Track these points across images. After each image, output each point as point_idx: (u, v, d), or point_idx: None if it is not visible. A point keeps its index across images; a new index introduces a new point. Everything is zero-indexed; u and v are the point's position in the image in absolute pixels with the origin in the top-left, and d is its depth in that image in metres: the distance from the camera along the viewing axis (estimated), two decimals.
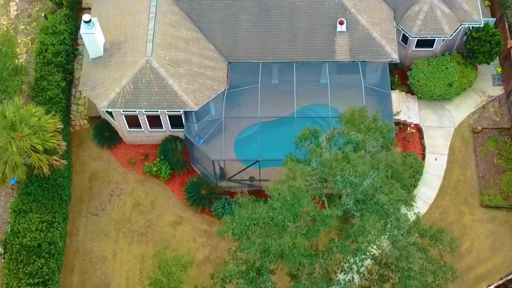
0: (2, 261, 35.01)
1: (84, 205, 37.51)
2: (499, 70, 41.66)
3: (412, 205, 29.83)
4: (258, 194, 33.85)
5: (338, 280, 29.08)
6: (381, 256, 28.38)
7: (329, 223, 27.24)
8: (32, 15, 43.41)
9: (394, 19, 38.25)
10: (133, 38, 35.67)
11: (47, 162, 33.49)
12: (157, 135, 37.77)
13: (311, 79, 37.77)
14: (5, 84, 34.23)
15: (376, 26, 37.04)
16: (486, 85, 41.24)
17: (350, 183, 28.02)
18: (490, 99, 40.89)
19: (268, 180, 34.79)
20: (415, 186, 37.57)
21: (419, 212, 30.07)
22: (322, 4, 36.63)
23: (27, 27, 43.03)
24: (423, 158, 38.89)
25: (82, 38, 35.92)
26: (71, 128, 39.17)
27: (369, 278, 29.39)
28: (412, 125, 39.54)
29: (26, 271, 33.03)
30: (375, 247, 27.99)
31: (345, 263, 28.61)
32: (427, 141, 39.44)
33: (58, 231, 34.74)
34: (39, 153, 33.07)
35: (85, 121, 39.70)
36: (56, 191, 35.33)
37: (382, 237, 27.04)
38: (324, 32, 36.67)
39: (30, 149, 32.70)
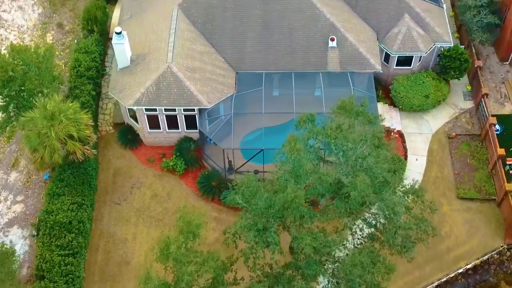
0: (35, 241, 37.79)
1: (109, 196, 40.64)
2: (469, 87, 46.03)
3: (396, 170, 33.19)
4: None
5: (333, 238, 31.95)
6: (370, 217, 31.54)
7: (325, 181, 30.55)
8: (65, 44, 47.99)
9: (377, 39, 42.93)
10: (156, 50, 40.04)
11: (80, 149, 36.96)
12: (173, 136, 41.43)
13: (308, 89, 41.78)
14: (46, 86, 38.10)
15: (362, 43, 41.63)
16: (458, 100, 45.50)
17: (343, 151, 31.59)
18: (462, 111, 45.04)
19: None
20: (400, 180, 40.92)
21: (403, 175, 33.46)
22: (316, 24, 41.35)
23: (61, 53, 47.51)
24: (406, 158, 42.51)
25: (109, 61, 40.23)
26: (98, 133, 42.73)
27: (361, 236, 32.35)
28: (395, 131, 43.43)
29: (58, 244, 35.81)
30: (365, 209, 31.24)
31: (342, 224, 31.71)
32: (408, 144, 43.19)
33: (86, 213, 37.73)
34: (74, 140, 36.61)
35: (110, 127, 43.45)
36: (85, 179, 38.60)
37: (371, 191, 30.14)
38: (318, 47, 41.21)
39: (66, 136, 36.25)
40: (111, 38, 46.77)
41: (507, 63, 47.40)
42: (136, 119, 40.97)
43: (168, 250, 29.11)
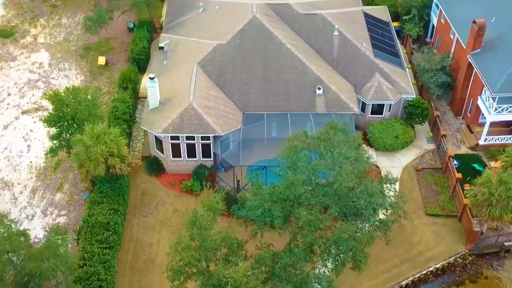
0: (76, 244, 42.69)
1: (137, 210, 46.00)
2: (431, 134, 53.21)
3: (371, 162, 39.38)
4: None
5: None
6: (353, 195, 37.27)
7: (318, 170, 36.65)
8: (103, 101, 55.14)
9: (355, 91, 50.65)
10: (180, 94, 47.32)
11: (118, 164, 43.03)
12: (191, 164, 47.61)
13: (300, 126, 48.54)
14: (93, 118, 44.81)
15: (343, 92, 49.28)
16: (423, 143, 52.45)
17: (331, 152, 37.99)
18: (426, 151, 51.85)
19: None
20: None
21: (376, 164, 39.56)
22: (305, 78, 49.15)
23: (103, 100, 54.59)
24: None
25: (138, 113, 47.37)
26: (129, 165, 48.80)
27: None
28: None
29: (97, 239, 40.81)
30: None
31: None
32: (383, 174, 49.49)
33: (120, 218, 43.02)
34: (116, 157, 42.81)
35: (139, 160, 49.66)
36: (120, 192, 44.28)
37: (354, 177, 36.14)
38: (308, 94, 48.73)
39: (108, 154, 42.46)
40: (140, 97, 54.65)
41: (460, 117, 55.00)
42: (162, 151, 47.39)
43: (196, 218, 34.49)
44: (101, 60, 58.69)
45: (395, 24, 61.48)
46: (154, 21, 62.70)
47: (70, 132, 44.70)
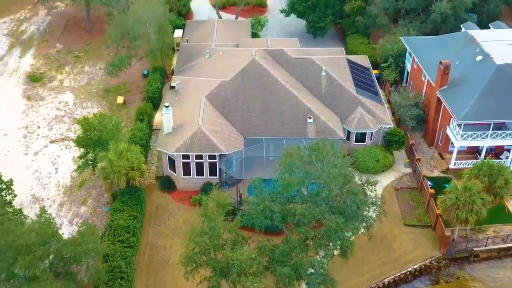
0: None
1: (152, 220, 50.44)
2: (407, 160, 58.64)
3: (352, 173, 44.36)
4: None
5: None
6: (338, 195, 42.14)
7: (310, 173, 41.73)
8: (121, 132, 60.35)
9: (341, 121, 56.43)
10: (190, 122, 52.85)
11: (138, 177, 47.99)
12: (199, 182, 52.50)
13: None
14: (115, 139, 50.05)
15: (330, 122, 55.02)
16: (401, 167, 57.74)
17: (321, 161, 43.21)
18: (404, 174, 57.08)
19: None
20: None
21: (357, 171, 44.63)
22: (298, 109, 54.94)
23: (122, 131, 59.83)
24: None
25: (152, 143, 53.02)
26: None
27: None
28: None
29: (119, 239, 45.16)
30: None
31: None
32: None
33: (138, 224, 47.51)
34: (136, 170, 47.84)
35: (153, 180, 54.50)
36: (138, 202, 48.96)
37: (340, 180, 41.19)
38: (300, 122, 54.38)
39: (129, 168, 47.51)
40: (154, 129, 60.12)
41: (433, 147, 60.63)
42: (174, 170, 52.44)
43: (206, 210, 39.24)
44: (120, 99, 64.55)
45: (375, 71, 68.02)
46: (166, 68, 69.14)
47: (95, 152, 49.88)
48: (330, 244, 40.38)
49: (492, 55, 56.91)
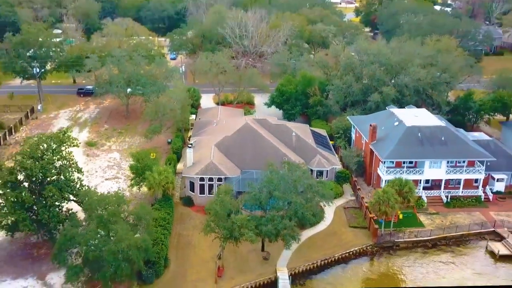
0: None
1: (178, 221, 67.92)
2: (352, 192, 77.88)
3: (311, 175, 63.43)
4: None
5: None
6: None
7: (286, 180, 60.89)
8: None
9: (305, 163, 76.30)
10: (205, 158, 72.42)
11: (169, 190, 66.73)
12: (210, 198, 70.88)
13: None
14: (156, 167, 69.23)
15: (298, 161, 75.01)
16: (348, 196, 76.61)
17: (291, 171, 62.67)
18: (350, 199, 75.90)
19: None
20: (320, 220, 69.65)
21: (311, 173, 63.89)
22: (276, 153, 74.92)
23: None
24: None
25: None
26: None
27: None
28: None
29: (159, 224, 62.63)
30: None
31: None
32: (325, 208, 72.89)
33: (170, 218, 65.23)
34: (169, 183, 66.65)
35: (178, 200, 72.79)
36: (170, 205, 67.09)
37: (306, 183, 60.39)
38: (278, 161, 73.66)
39: (165, 182, 66.32)
40: (177, 173, 79.23)
41: (370, 185, 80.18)
42: (193, 191, 71.12)
43: (220, 191, 57.95)
44: (152, 155, 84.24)
45: (331, 141, 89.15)
46: (185, 137, 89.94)
47: (142, 175, 68.93)
48: (296, 215, 58.68)
49: (404, 121, 78.80)
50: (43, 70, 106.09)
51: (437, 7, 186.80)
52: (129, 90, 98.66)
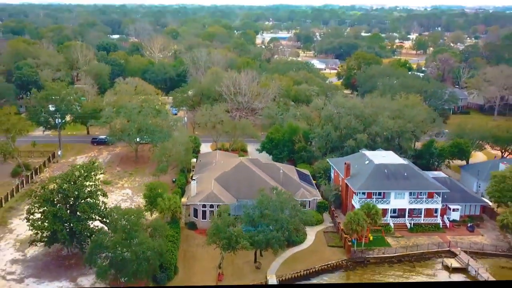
0: None
1: (184, 241, 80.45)
2: (331, 221, 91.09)
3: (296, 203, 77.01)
4: None
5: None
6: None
7: (275, 205, 74.47)
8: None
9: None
10: (206, 189, 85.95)
11: (178, 214, 79.77)
12: (210, 223, 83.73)
13: None
14: (166, 196, 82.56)
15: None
16: (327, 223, 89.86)
17: (279, 201, 76.37)
18: (329, 226, 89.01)
19: None
20: (303, 241, 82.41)
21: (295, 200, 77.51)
22: (266, 185, 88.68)
23: None
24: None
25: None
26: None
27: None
28: None
29: (169, 240, 75.20)
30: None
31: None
32: (308, 232, 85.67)
33: (178, 236, 77.82)
34: (177, 208, 79.76)
35: (183, 225, 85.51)
36: (177, 226, 79.83)
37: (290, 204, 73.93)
38: (268, 192, 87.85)
39: (173, 207, 79.46)
40: (183, 205, 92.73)
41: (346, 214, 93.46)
42: (196, 217, 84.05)
43: (221, 211, 71.20)
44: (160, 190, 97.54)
45: (314, 181, 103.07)
46: (187, 176, 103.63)
47: (154, 202, 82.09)
48: (282, 229, 71.72)
49: (373, 160, 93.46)
50: (63, 121, 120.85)
51: (411, 73, 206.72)
52: (138, 139, 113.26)
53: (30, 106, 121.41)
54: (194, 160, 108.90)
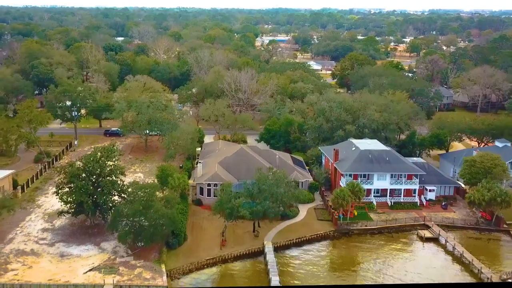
0: None
1: (192, 215, 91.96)
2: (321, 200, 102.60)
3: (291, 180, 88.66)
4: None
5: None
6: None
7: (269, 179, 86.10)
8: None
9: None
10: (211, 171, 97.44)
11: (186, 190, 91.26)
12: (214, 199, 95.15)
13: None
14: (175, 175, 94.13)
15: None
16: (317, 201, 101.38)
17: (275, 179, 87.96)
18: (319, 203, 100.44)
19: None
20: (295, 215, 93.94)
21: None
22: (263, 168, 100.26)
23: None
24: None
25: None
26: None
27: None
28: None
29: (179, 212, 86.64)
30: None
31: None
32: (300, 208, 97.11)
33: (187, 208, 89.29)
34: (186, 185, 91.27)
35: (191, 202, 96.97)
36: (186, 202, 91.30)
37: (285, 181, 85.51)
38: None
39: (183, 184, 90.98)
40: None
41: None
42: (202, 194, 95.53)
43: (223, 186, 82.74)
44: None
45: (308, 167, 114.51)
46: (193, 162, 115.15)
47: (164, 181, 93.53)
48: (277, 201, 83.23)
49: (359, 147, 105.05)
50: (79, 114, 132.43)
51: (401, 73, 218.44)
52: (147, 130, 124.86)
53: (48, 100, 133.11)
54: (199, 149, 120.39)
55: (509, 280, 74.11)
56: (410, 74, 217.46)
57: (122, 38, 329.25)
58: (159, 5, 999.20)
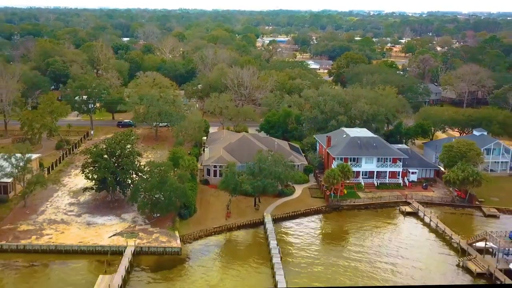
0: None
1: (200, 192, 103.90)
2: (315, 181, 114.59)
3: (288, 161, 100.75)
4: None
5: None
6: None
7: (268, 159, 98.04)
8: None
9: None
10: (216, 154, 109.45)
11: (194, 170, 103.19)
12: (219, 179, 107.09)
13: None
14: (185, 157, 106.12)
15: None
16: (312, 182, 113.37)
17: (273, 160, 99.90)
18: (313, 184, 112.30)
19: None
20: (292, 193, 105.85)
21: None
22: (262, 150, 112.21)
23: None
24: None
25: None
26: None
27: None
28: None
29: (189, 189, 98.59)
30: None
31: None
32: (296, 188, 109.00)
33: (196, 187, 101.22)
34: (195, 166, 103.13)
35: (199, 181, 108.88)
36: (195, 181, 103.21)
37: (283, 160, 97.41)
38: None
39: (192, 165, 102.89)
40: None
41: None
42: (208, 174, 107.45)
43: (230, 165, 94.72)
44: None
45: (304, 154, 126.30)
46: (200, 149, 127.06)
47: (176, 163, 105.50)
48: (275, 178, 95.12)
49: (350, 134, 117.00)
50: (95, 107, 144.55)
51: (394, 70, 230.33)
52: (157, 122, 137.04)
53: (66, 94, 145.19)
54: (205, 138, 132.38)
55: (474, 244, 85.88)
56: (401, 72, 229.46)
57: (128, 39, 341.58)
58: (161, 6, 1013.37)
